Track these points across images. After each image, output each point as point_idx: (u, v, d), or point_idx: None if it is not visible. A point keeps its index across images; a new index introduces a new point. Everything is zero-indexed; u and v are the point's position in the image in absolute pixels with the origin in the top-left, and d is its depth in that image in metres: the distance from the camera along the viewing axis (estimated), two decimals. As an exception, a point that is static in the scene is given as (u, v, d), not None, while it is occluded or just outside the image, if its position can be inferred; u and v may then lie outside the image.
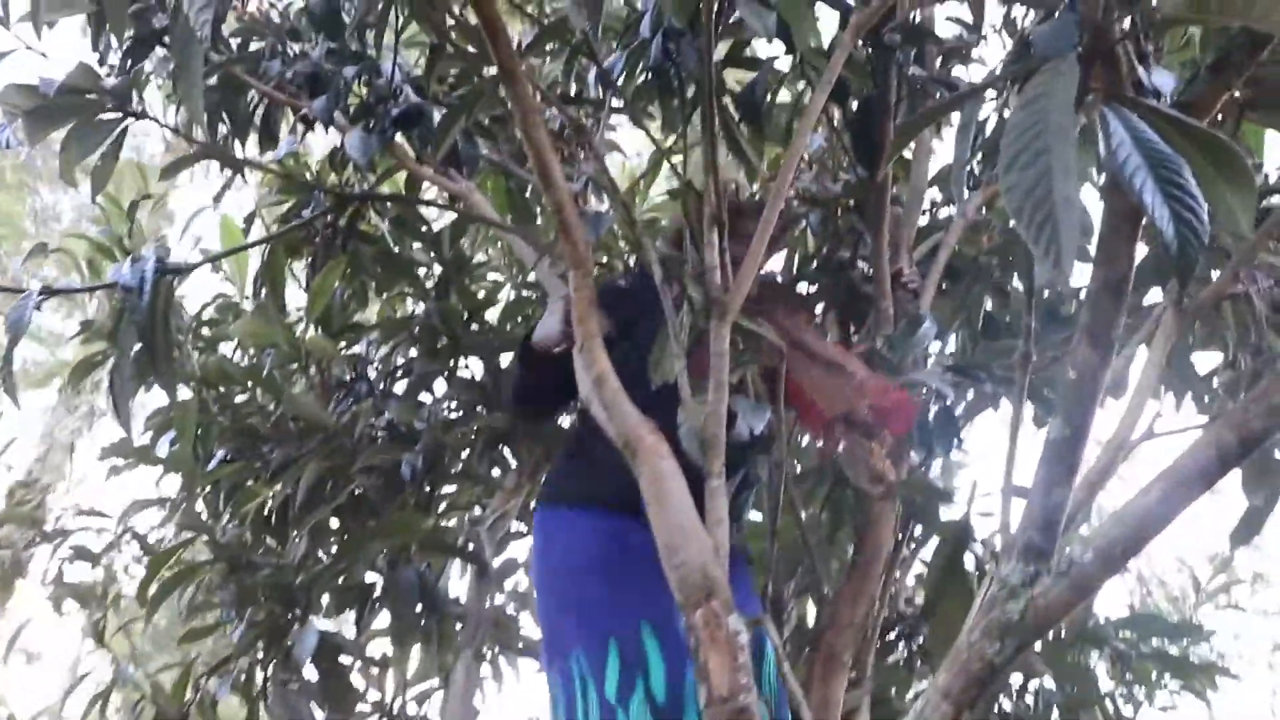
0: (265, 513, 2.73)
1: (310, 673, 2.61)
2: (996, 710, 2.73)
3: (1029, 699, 2.79)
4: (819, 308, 2.97)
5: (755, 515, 2.52)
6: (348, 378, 2.91)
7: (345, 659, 2.67)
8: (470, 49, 2.25)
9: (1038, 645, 2.60)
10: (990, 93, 2.50)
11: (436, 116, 2.52)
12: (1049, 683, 2.75)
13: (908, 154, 3.03)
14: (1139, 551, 1.50)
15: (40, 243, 2.43)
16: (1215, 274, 2.32)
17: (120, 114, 2.12)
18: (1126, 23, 1.30)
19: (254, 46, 2.79)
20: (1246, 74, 1.41)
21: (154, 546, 2.88)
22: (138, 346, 2.23)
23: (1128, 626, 2.82)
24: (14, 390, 2.39)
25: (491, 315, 3.14)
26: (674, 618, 1.85)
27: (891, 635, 2.79)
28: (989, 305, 3.10)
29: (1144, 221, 1.34)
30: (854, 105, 2.76)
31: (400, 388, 2.99)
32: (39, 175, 12.74)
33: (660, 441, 1.84)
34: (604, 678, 1.95)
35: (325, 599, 2.71)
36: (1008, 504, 1.69)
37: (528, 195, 3.18)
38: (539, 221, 3.21)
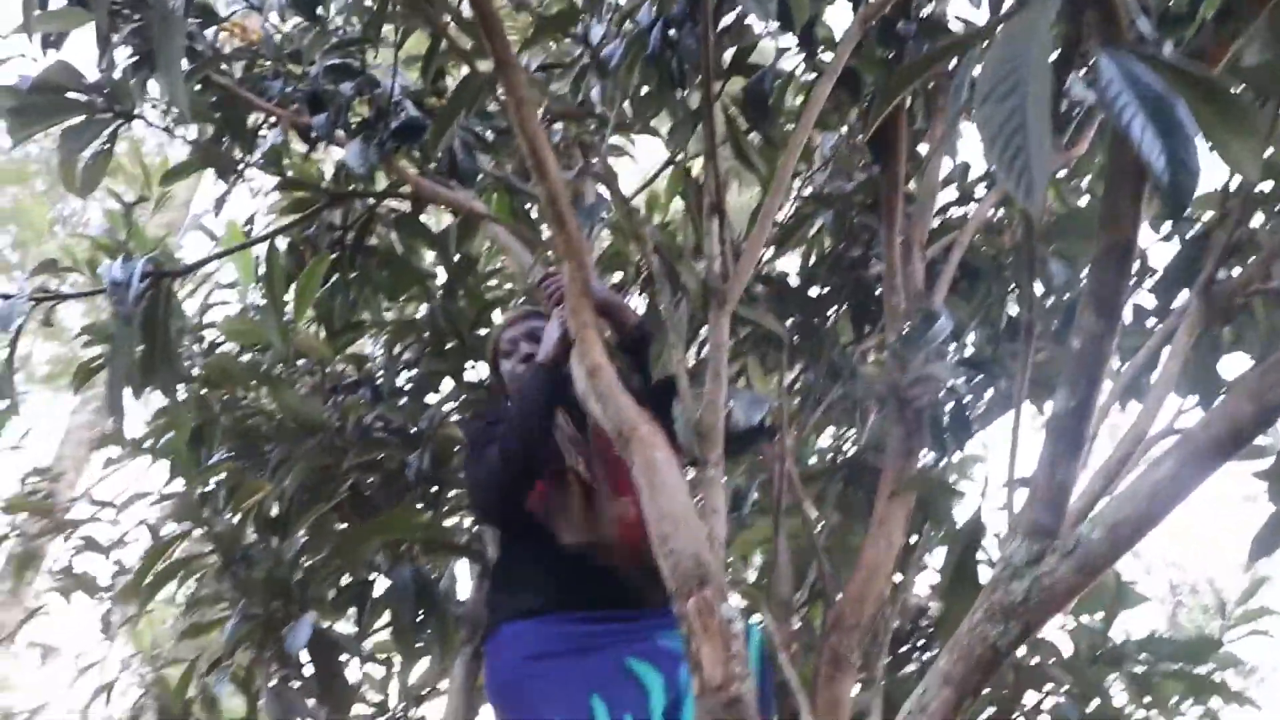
0: (268, 511, 2.69)
1: (310, 671, 2.57)
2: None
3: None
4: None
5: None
6: (352, 378, 2.88)
7: (344, 657, 2.62)
8: (466, 46, 2.23)
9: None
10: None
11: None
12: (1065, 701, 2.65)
13: (922, 151, 2.98)
14: (1150, 529, 1.42)
15: (50, 259, 2.44)
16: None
17: (111, 114, 2.11)
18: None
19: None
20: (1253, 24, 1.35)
21: (162, 539, 2.86)
22: (140, 347, 2.23)
23: (1146, 648, 2.72)
24: (13, 391, 2.38)
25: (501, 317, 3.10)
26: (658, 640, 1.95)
27: (905, 647, 2.71)
28: (1010, 308, 3.03)
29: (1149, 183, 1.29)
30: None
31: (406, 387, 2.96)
32: (68, 183, 12.95)
33: (655, 432, 1.79)
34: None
35: (327, 597, 2.67)
36: (1013, 486, 1.61)
37: (532, 214, 3.16)
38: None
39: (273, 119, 2.75)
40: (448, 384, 3.03)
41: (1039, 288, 2.98)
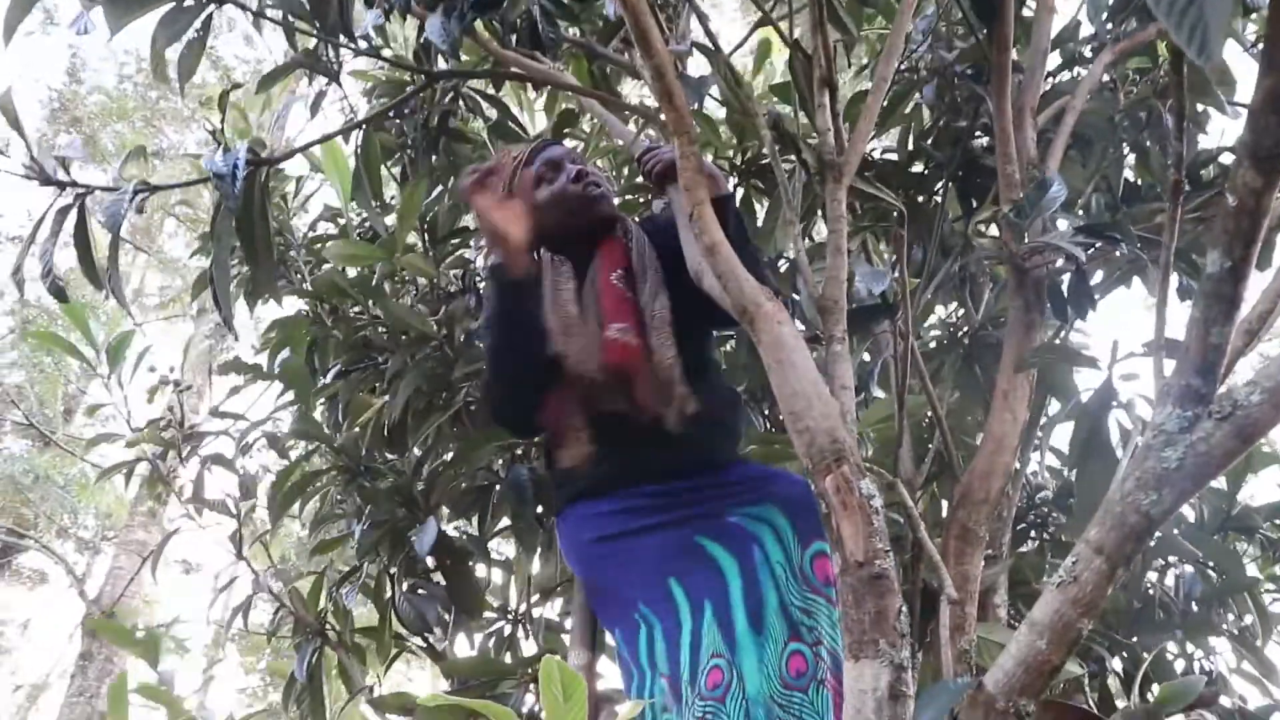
0: (383, 427, 2.72)
1: (438, 577, 2.64)
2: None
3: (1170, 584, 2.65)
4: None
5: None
6: (455, 288, 2.88)
7: (470, 562, 2.68)
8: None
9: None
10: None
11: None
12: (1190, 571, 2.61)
13: (1029, 12, 2.85)
14: (1314, 388, 1.35)
15: (139, 145, 2.42)
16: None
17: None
18: None
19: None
20: None
21: (286, 451, 2.93)
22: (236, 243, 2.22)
23: (1278, 515, 2.64)
24: (121, 293, 2.38)
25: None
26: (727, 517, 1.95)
27: (1024, 524, 2.68)
28: (1128, 172, 2.91)
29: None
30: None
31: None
32: (164, 115, 13.26)
33: (779, 308, 1.76)
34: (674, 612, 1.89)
35: (447, 505, 2.71)
36: (1159, 350, 1.55)
37: (609, 76, 3.08)
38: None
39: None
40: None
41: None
